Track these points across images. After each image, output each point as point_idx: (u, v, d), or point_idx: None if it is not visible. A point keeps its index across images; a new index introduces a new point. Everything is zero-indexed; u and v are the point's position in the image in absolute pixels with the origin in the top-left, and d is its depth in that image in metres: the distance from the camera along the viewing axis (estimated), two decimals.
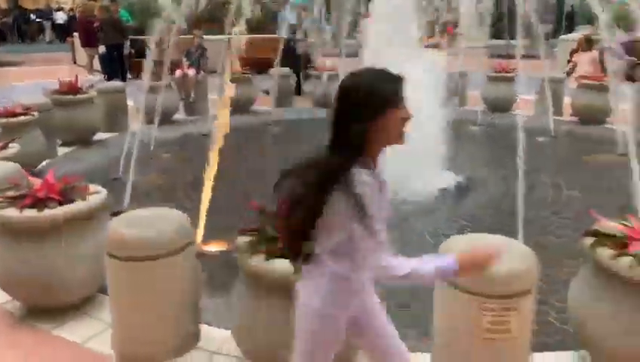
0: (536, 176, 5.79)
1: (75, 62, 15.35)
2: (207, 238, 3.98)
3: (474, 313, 2.13)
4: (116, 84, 8.25)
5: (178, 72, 8.67)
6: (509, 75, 8.84)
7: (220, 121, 3.80)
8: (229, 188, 5.52)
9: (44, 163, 5.75)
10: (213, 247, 3.95)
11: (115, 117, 7.35)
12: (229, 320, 2.58)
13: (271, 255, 2.23)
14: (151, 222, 2.53)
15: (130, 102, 7.69)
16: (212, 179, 4.10)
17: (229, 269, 2.72)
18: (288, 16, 11.17)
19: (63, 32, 23.68)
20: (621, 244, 2.36)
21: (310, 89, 9.85)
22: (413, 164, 5.20)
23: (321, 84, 8.96)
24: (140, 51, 12.06)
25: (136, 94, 7.45)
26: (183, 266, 2.56)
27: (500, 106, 8.73)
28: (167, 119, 7.93)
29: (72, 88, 6.55)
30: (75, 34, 14.58)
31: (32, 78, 11.92)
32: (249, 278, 2.33)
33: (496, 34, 20.81)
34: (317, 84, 9.35)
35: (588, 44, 9.16)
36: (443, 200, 5.17)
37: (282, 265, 2.17)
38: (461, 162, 5.89)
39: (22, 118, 5.49)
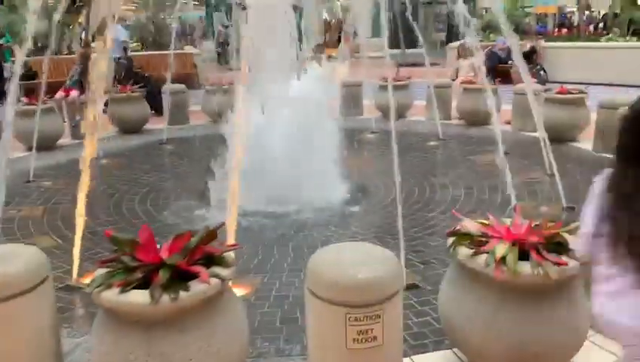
0: (424, 178, 6.02)
1: None
2: (84, 270, 3.75)
3: (339, 324, 2.12)
4: None
5: (58, 94, 8.21)
6: (401, 82, 9.13)
7: (87, 148, 3.56)
8: (115, 212, 5.29)
9: None
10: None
11: None
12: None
13: (127, 286, 2.10)
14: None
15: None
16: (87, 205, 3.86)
17: None
18: (120, 33, 10.78)
19: None
20: (479, 242, 2.45)
21: (206, 103, 9.64)
22: (309, 174, 5.26)
23: (217, 99, 8.82)
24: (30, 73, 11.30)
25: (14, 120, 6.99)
26: (38, 306, 2.37)
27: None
28: (50, 145, 7.50)
29: None
30: None
31: None
32: (105, 313, 2.19)
33: (393, 43, 21.67)
34: (212, 99, 9.20)
35: (466, 51, 9.70)
36: (338, 208, 5.21)
37: (138, 297, 2.04)
38: (356, 169, 5.99)
39: None
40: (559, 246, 2.37)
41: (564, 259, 2.29)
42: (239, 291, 3.56)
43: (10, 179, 6.25)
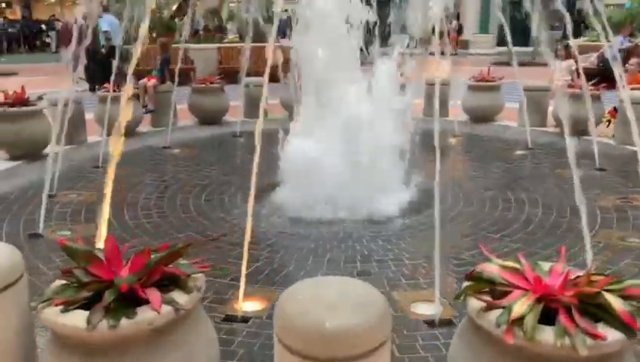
0: (501, 192, 5.42)
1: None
2: None
3: None
4: (73, 95, 7.91)
5: (142, 81, 8.49)
6: (491, 83, 8.41)
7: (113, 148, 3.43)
8: (167, 204, 5.23)
9: None
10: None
11: (73, 129, 7.06)
12: None
13: (71, 305, 1.89)
14: None
15: (90, 114, 7.49)
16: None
17: None
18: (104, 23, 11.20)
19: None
20: (501, 292, 1.97)
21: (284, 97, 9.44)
22: (368, 179, 4.88)
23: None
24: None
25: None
26: (11, 305, 2.23)
27: (482, 116, 8.38)
28: (128, 131, 7.69)
29: (19, 100, 6.32)
30: None
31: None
32: (52, 334, 1.99)
33: (501, 41, 20.43)
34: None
35: (567, 51, 8.70)
36: (393, 219, 4.77)
37: (76, 320, 1.82)
38: (425, 177, 5.47)
39: None
40: (600, 311, 1.82)
41: (602, 329, 1.75)
42: (253, 305, 3.30)
43: (81, 163, 6.54)
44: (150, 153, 7.30)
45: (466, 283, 2.06)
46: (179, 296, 1.96)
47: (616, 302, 1.80)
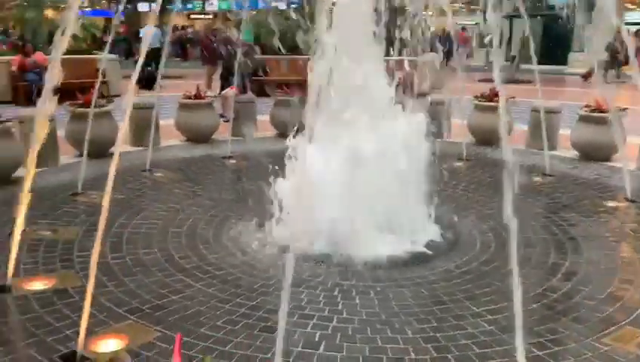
0: (532, 228, 4.89)
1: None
2: None
3: None
4: (145, 100, 7.95)
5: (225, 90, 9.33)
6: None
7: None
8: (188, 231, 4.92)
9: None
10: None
11: (143, 132, 7.36)
12: None
13: None
14: None
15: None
16: None
17: None
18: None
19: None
20: None
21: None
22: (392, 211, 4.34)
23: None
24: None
25: None
26: None
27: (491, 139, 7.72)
28: (201, 139, 8.30)
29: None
30: None
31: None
32: None
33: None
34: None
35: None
36: (419, 260, 4.30)
37: None
38: (438, 207, 4.88)
39: None
40: None
41: None
42: None
43: (130, 167, 6.69)
44: (209, 161, 7.47)
45: None
46: None
47: None
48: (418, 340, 3.15)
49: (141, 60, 3.36)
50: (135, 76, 3.17)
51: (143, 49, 4.11)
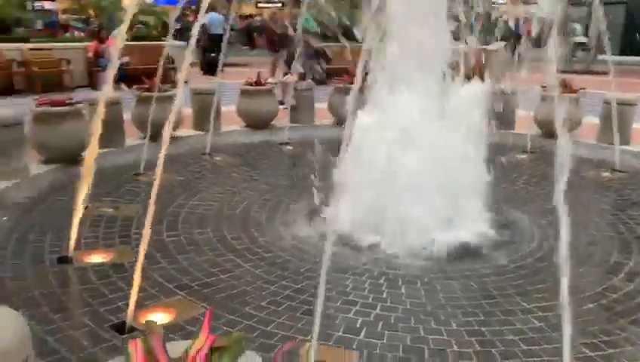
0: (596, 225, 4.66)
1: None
2: None
3: None
4: (208, 86, 8.33)
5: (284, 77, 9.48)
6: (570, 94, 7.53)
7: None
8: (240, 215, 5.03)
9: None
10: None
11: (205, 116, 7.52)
12: None
13: None
14: None
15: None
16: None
17: None
18: None
19: None
20: None
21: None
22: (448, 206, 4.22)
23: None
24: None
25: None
26: None
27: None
28: (261, 124, 8.37)
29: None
30: None
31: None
32: None
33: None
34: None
35: None
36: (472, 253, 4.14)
37: None
38: (495, 201, 4.71)
39: None
40: None
41: None
42: None
43: (191, 150, 7.03)
44: (267, 147, 7.65)
45: None
46: None
47: None
48: (462, 333, 3.09)
49: (193, 43, 3.38)
50: (187, 62, 3.25)
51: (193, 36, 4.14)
